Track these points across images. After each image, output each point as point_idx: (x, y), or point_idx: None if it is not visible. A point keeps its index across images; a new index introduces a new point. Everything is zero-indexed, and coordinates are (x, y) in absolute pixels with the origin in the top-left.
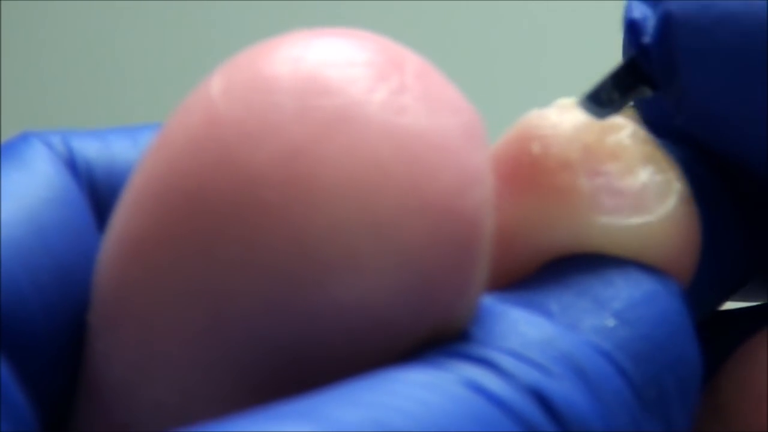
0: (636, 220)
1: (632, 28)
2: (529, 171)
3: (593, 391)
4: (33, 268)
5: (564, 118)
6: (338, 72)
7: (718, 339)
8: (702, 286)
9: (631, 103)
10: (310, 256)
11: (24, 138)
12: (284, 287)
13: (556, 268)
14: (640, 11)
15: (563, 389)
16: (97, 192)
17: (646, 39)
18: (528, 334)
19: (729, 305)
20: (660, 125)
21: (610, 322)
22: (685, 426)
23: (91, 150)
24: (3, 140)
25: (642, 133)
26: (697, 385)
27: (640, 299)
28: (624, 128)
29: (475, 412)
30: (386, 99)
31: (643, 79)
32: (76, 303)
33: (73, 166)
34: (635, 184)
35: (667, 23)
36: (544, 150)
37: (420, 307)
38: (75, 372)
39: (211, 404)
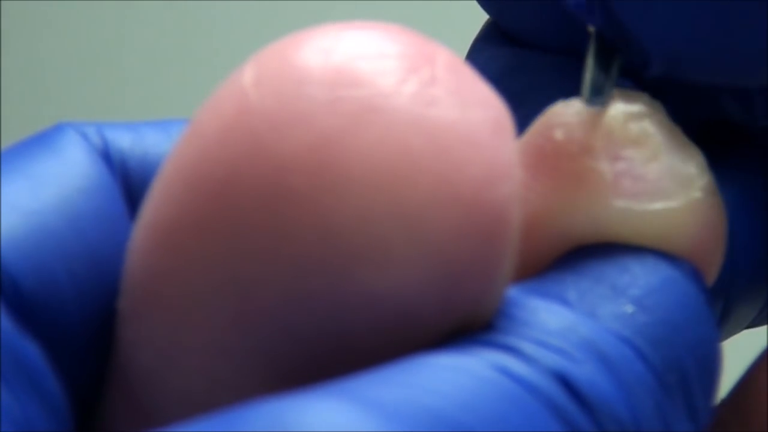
0: (657, 205)
1: (579, 13)
2: (552, 157)
3: (616, 376)
4: (67, 256)
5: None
6: (369, 64)
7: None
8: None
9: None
10: (338, 245)
11: (59, 128)
12: (312, 276)
13: (572, 257)
14: None
15: (587, 373)
16: (131, 183)
17: (597, 19)
18: (548, 322)
19: None
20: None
21: (629, 309)
22: (707, 409)
23: (124, 141)
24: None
25: (667, 121)
26: (718, 369)
27: (658, 285)
28: (649, 116)
29: (505, 393)
30: (417, 91)
31: (613, 52)
32: (109, 292)
33: (107, 156)
34: (658, 171)
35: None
36: (567, 136)
37: (447, 298)
38: (106, 360)
39: (238, 393)
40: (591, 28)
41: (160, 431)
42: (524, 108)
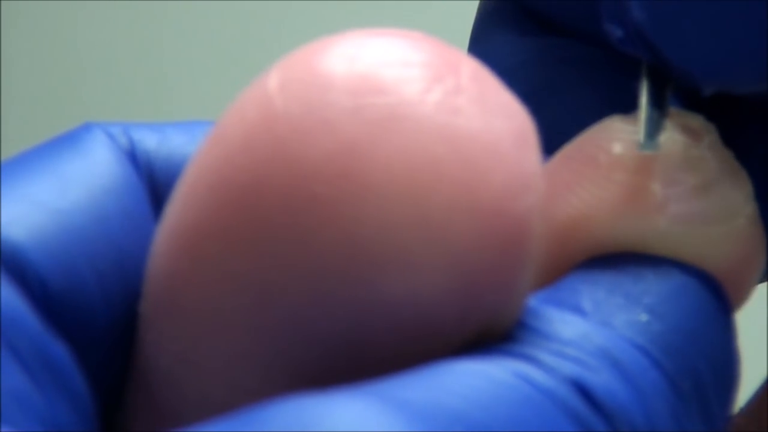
0: (701, 229)
1: (627, 48)
2: (605, 168)
3: (631, 384)
4: (94, 256)
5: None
6: (394, 71)
7: None
8: None
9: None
10: (360, 252)
11: (86, 127)
12: (333, 282)
13: (586, 266)
14: (616, 31)
15: (603, 381)
16: (156, 184)
17: (641, 51)
18: (564, 332)
19: None
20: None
21: (643, 317)
22: (724, 417)
23: (150, 142)
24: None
25: (721, 145)
26: (735, 376)
27: (672, 292)
28: (705, 139)
29: (526, 399)
30: (441, 100)
31: (665, 83)
32: (134, 292)
33: (133, 157)
34: (708, 198)
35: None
36: (626, 151)
37: (467, 306)
38: (131, 360)
39: (258, 398)
40: (643, 63)
41: (186, 431)
42: (539, 113)
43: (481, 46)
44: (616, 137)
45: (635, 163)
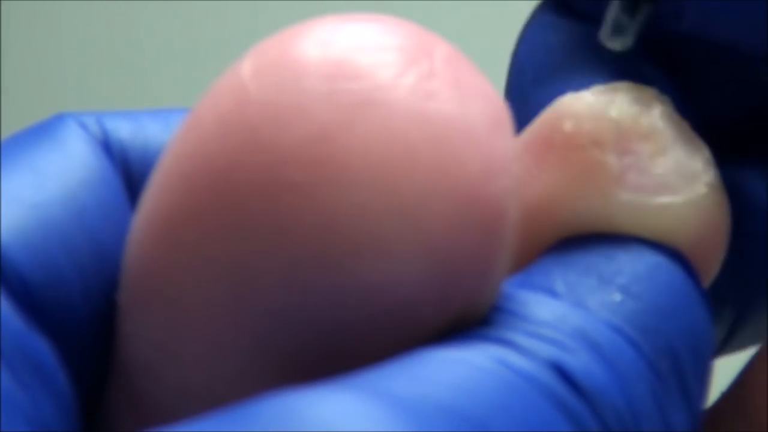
0: (661, 199)
1: None
2: (560, 148)
3: (609, 364)
4: (72, 248)
5: (599, 99)
6: (368, 56)
7: None
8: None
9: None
10: (336, 238)
11: (60, 118)
12: (309, 268)
13: (558, 249)
14: None
15: (581, 363)
16: (131, 174)
17: None
18: (539, 314)
19: None
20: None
21: (617, 297)
22: (701, 394)
23: (124, 131)
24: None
25: (675, 115)
26: (710, 354)
27: (644, 272)
28: (658, 110)
29: (508, 384)
30: (415, 84)
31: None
32: (113, 284)
33: (107, 147)
34: (665, 166)
35: None
36: (577, 128)
37: (444, 291)
38: (111, 353)
39: (238, 387)
40: None
41: (171, 430)
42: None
43: (530, 26)
44: (566, 114)
45: (586, 138)
